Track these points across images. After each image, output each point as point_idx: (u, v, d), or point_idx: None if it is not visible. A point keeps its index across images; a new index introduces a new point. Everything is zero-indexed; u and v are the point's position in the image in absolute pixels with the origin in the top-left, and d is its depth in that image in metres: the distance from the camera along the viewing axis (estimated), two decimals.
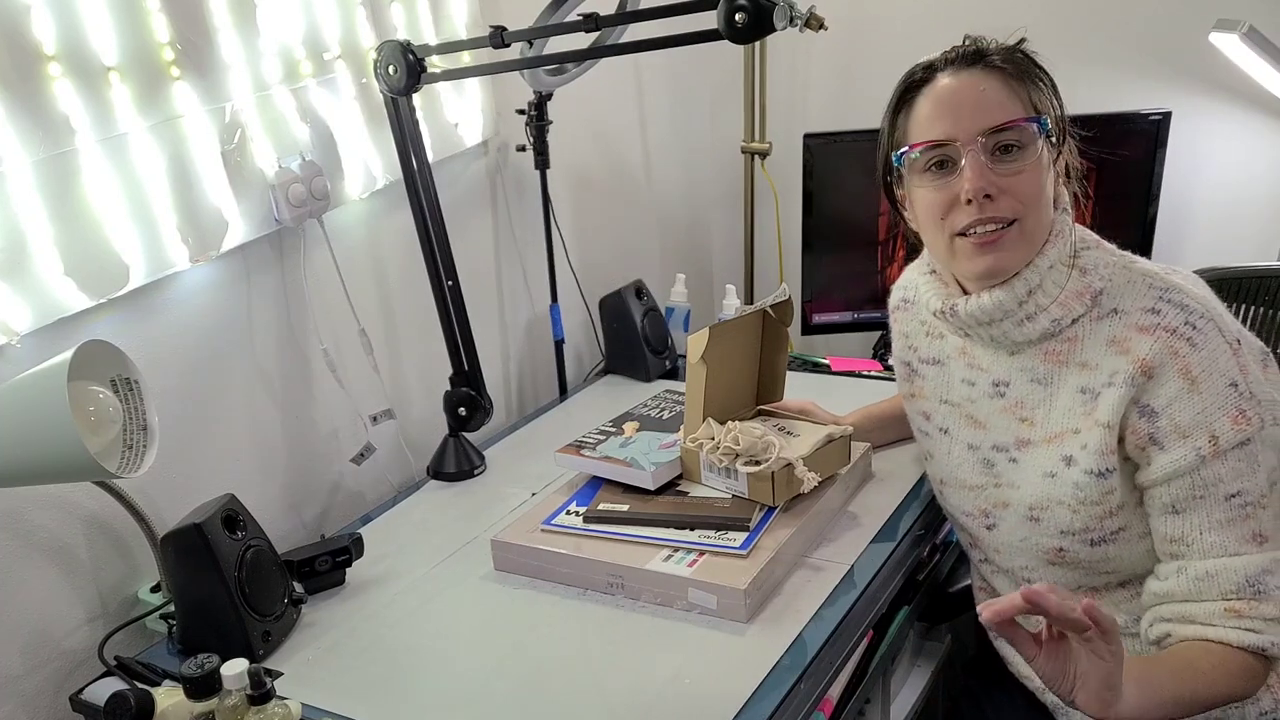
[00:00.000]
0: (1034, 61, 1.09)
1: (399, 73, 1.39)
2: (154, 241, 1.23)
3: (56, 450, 0.95)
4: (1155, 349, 1.03)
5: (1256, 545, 1.02)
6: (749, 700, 1.03)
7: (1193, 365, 1.01)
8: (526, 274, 1.93)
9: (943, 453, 1.25)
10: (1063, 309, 1.08)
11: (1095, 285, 1.08)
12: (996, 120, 1.05)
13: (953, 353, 1.22)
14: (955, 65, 1.08)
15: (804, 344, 2.19)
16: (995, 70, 1.07)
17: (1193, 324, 1.02)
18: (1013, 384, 1.15)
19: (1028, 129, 1.05)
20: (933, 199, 1.09)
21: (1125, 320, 1.06)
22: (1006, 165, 1.05)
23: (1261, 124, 1.96)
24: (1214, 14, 1.80)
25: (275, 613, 1.18)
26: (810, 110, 2.36)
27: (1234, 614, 1.02)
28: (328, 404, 1.53)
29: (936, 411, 1.26)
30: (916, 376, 1.29)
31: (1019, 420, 1.15)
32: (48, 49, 1.10)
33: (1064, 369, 1.10)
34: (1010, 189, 1.05)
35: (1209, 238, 2.07)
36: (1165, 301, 1.04)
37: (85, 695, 1.15)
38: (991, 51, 1.08)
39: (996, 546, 1.21)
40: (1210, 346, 1.02)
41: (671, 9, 1.23)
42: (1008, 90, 1.06)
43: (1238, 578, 1.02)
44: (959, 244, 1.09)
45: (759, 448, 1.27)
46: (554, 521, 1.30)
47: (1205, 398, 1.01)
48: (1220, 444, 1.01)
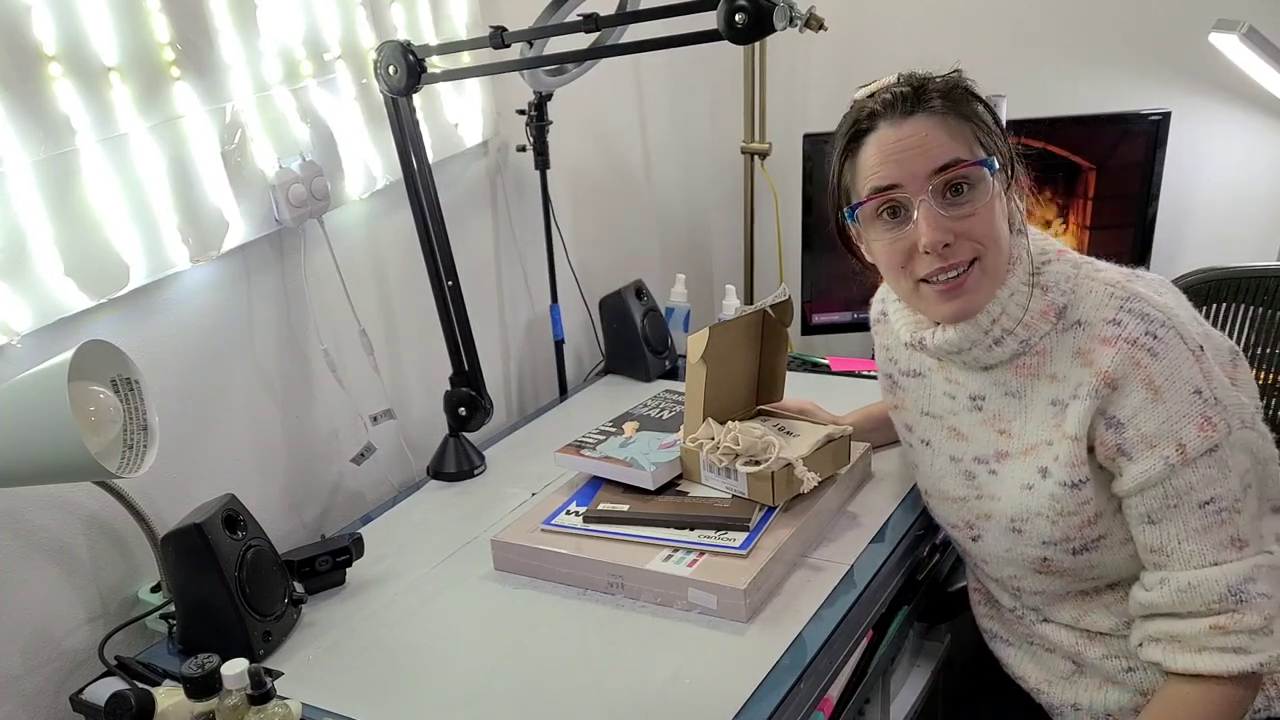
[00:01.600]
0: (971, 93, 1.08)
1: (399, 73, 1.39)
2: (154, 241, 1.23)
3: (57, 450, 0.95)
4: (1117, 360, 1.02)
5: (1235, 551, 1.02)
6: (749, 700, 1.03)
7: (1155, 375, 1.01)
8: (527, 274, 1.93)
9: (926, 464, 1.25)
10: (1028, 330, 1.08)
11: (1058, 301, 1.08)
12: (942, 162, 1.04)
13: (932, 366, 1.22)
14: (895, 112, 1.06)
15: (804, 344, 2.19)
16: (936, 113, 1.05)
17: (1153, 333, 1.02)
18: (988, 398, 1.15)
19: (975, 170, 1.04)
20: (888, 249, 1.09)
21: (1088, 331, 1.06)
22: (959, 208, 1.05)
23: (1261, 124, 1.97)
24: (1213, 14, 1.80)
25: (275, 613, 1.19)
26: (810, 110, 2.36)
27: (1220, 631, 1.02)
28: (328, 404, 1.53)
29: (918, 423, 1.26)
30: (898, 389, 1.29)
31: (998, 432, 1.15)
32: (48, 49, 1.10)
33: (1035, 381, 1.10)
34: (966, 231, 1.05)
35: (1209, 238, 2.07)
36: (1126, 311, 1.04)
37: (86, 695, 1.15)
38: (929, 93, 1.06)
39: (984, 556, 1.21)
40: (1172, 355, 1.01)
41: (671, 9, 1.23)
42: (949, 131, 1.05)
43: (1219, 588, 1.02)
44: (924, 290, 1.09)
45: (759, 448, 1.27)
46: (554, 521, 1.30)
47: (1169, 406, 1.01)
48: (1188, 452, 1.01)
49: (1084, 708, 1.18)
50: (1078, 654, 1.17)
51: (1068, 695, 1.19)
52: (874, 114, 1.08)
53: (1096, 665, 1.16)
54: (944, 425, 1.22)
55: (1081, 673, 1.18)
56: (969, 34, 1.92)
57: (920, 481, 1.29)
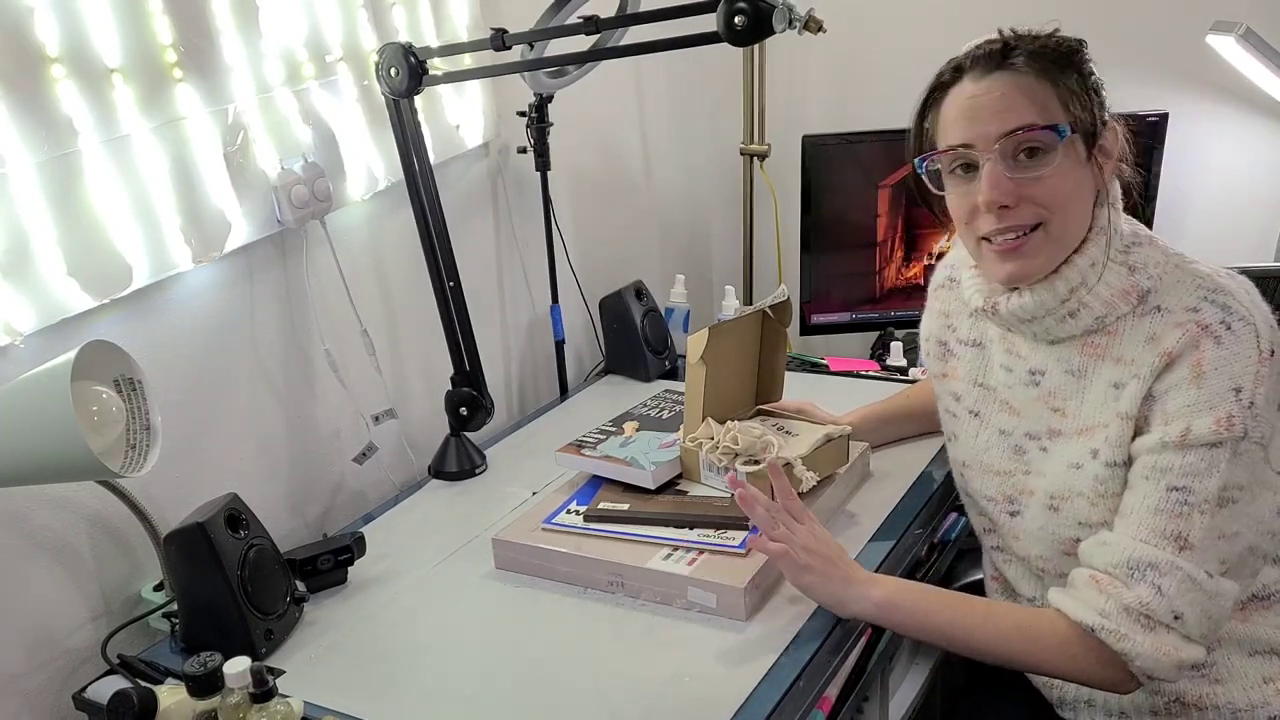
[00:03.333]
0: (1066, 55, 1.06)
1: (401, 75, 1.39)
2: (157, 242, 1.23)
3: (60, 450, 0.95)
4: (1182, 341, 1.01)
5: (1173, 545, 1.00)
6: (748, 698, 1.03)
7: (1206, 360, 1.00)
8: (527, 275, 1.94)
9: (969, 435, 1.24)
10: (1107, 307, 1.07)
11: (1143, 284, 1.06)
12: (1012, 125, 1.03)
13: (995, 337, 1.21)
14: (980, 68, 1.06)
15: (802, 344, 2.20)
16: (1018, 72, 1.04)
17: (1228, 324, 1.01)
18: (1048, 373, 1.14)
19: (1046, 134, 1.03)
20: (958, 203, 1.10)
21: (1167, 318, 1.04)
22: (1027, 171, 1.04)
23: (1258, 125, 1.97)
24: (1211, 16, 1.81)
25: (278, 611, 1.19)
26: (809, 112, 2.37)
27: (1094, 583, 1.02)
28: (330, 404, 1.54)
29: (969, 394, 1.25)
30: (951, 357, 1.28)
31: (1052, 410, 1.14)
32: (51, 51, 1.11)
33: (1100, 362, 1.09)
34: (1031, 195, 1.04)
35: (1206, 238, 2.07)
36: (1208, 301, 1.03)
37: (88, 694, 1.15)
38: (1016, 51, 1.05)
39: (1016, 533, 1.20)
40: (1235, 348, 1.00)
41: (672, 12, 1.24)
42: (1030, 93, 1.04)
43: (1120, 555, 1.01)
44: (984, 248, 1.10)
45: (758, 447, 1.28)
46: (554, 520, 1.31)
47: (1202, 392, 1.00)
48: (1189, 438, 1.00)
49: (1098, 704, 1.17)
50: None
51: (1082, 691, 1.18)
52: (960, 67, 1.08)
53: None
54: (997, 398, 1.21)
55: None
56: (968, 35, 1.93)
57: (957, 453, 1.28)
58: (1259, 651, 1.11)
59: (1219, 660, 1.10)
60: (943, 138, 1.09)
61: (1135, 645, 0.99)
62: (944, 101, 1.09)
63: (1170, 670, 1.00)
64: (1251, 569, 1.08)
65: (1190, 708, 1.11)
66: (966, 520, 1.42)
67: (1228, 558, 1.02)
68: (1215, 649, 1.10)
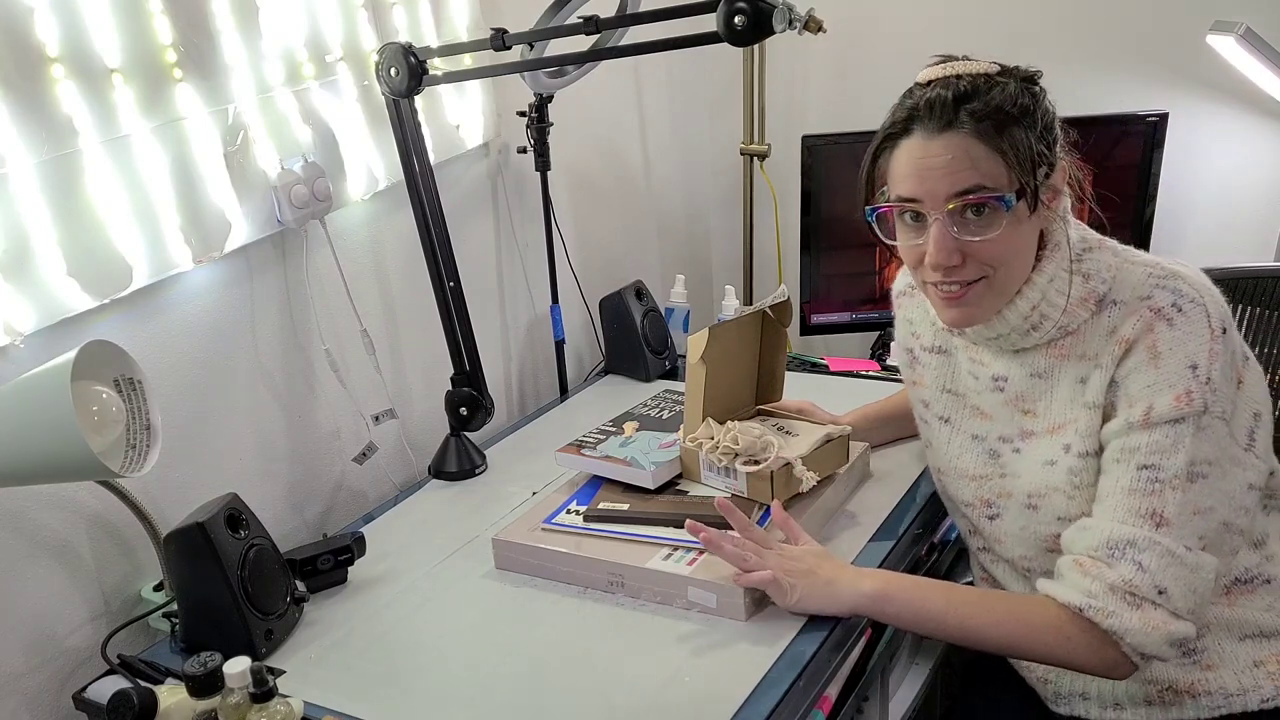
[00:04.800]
0: (1014, 115, 1.03)
1: (401, 75, 1.39)
2: (157, 242, 1.23)
3: (60, 450, 0.95)
4: (1137, 327, 1.04)
5: (1149, 523, 1.01)
6: (748, 698, 1.03)
7: (1160, 341, 1.03)
8: (527, 275, 1.94)
9: (942, 442, 1.25)
10: (1068, 316, 1.09)
11: (1099, 289, 1.09)
12: (960, 188, 1.03)
13: (959, 344, 1.23)
14: (931, 124, 1.04)
15: (802, 344, 2.20)
16: (967, 135, 1.03)
17: (1179, 306, 1.04)
18: (1011, 379, 1.16)
19: (991, 201, 1.03)
20: (906, 250, 1.11)
21: (1122, 309, 1.07)
22: (973, 233, 1.05)
23: (1258, 125, 1.97)
24: (1211, 15, 1.81)
25: (278, 611, 1.19)
26: (809, 112, 2.37)
27: (1078, 566, 1.04)
28: (330, 403, 1.54)
29: (937, 400, 1.26)
30: (918, 364, 1.29)
31: (1021, 413, 1.16)
32: (51, 51, 1.11)
33: (1064, 362, 1.11)
34: (976, 253, 1.06)
35: (1206, 238, 2.07)
36: (1159, 288, 1.06)
37: (88, 694, 1.16)
38: (966, 110, 1.03)
39: (998, 536, 1.21)
40: (1188, 328, 1.03)
41: (672, 12, 1.24)
42: (977, 155, 1.03)
43: (1100, 537, 1.03)
44: (930, 290, 1.12)
45: (758, 447, 1.28)
46: (554, 520, 1.31)
47: (1160, 372, 1.02)
48: (1152, 416, 1.02)
49: (1092, 696, 1.18)
50: None
51: (1076, 684, 1.19)
52: (912, 117, 1.06)
53: None
54: (967, 403, 1.22)
55: None
56: (967, 35, 1.93)
57: (934, 460, 1.29)
58: (1248, 635, 1.12)
59: (1209, 646, 1.12)
60: (893, 188, 1.09)
61: (1123, 622, 1.00)
62: (894, 151, 1.08)
63: (1161, 645, 1.01)
64: (1230, 546, 1.09)
65: (1183, 695, 1.12)
66: None
67: (1205, 533, 1.03)
68: (1205, 634, 1.11)
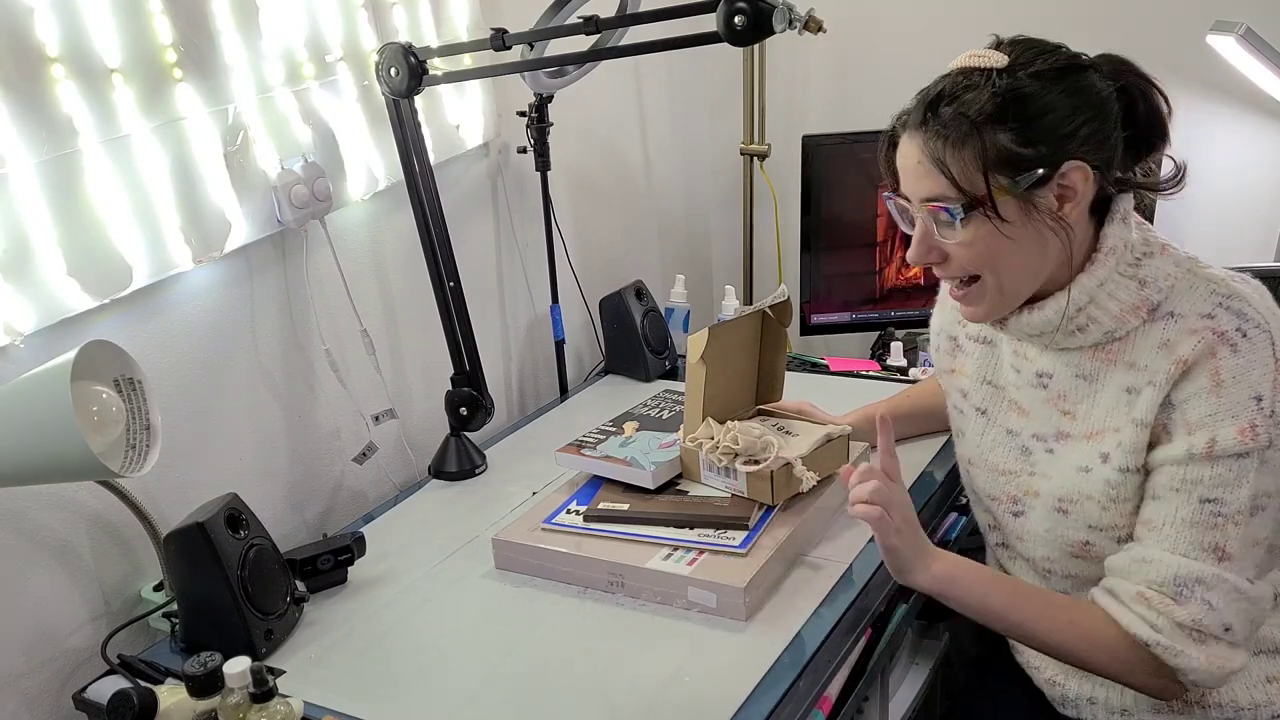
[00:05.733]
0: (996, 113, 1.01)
1: (401, 75, 1.39)
2: (157, 242, 1.23)
3: (60, 450, 0.95)
4: (1198, 349, 1.01)
5: (1212, 557, 1.00)
6: (748, 698, 1.03)
7: (1224, 368, 1.00)
8: (527, 275, 1.94)
9: (975, 433, 1.24)
10: (1117, 321, 1.07)
11: (1153, 298, 1.06)
12: (924, 195, 1.05)
13: (1005, 336, 1.20)
14: (912, 120, 1.06)
15: (802, 344, 2.20)
16: (935, 136, 1.02)
17: (1244, 331, 1.00)
18: (1056, 377, 1.14)
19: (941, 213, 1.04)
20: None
21: (1180, 324, 1.04)
22: (945, 234, 1.06)
23: (1258, 125, 1.97)
24: (1211, 16, 1.81)
25: (278, 611, 1.19)
26: (809, 112, 2.37)
27: (1143, 600, 1.02)
28: (330, 403, 1.54)
29: (976, 391, 1.25)
30: (960, 353, 1.28)
31: (1061, 413, 1.14)
32: (51, 51, 1.11)
33: (1111, 368, 1.09)
34: (954, 254, 1.07)
35: (1206, 239, 2.07)
36: (1223, 308, 1.02)
37: (88, 694, 1.16)
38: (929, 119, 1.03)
39: (1020, 534, 1.20)
40: (1252, 356, 1.00)
41: (672, 12, 1.24)
42: (934, 163, 1.03)
43: (1167, 573, 1.01)
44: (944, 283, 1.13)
45: (758, 447, 1.28)
46: (554, 520, 1.31)
47: (1223, 401, 1.00)
48: (1216, 449, 1.00)
49: (1099, 702, 1.17)
50: None
51: (1084, 688, 1.18)
52: (903, 121, 1.08)
53: None
54: (1005, 397, 1.21)
55: None
56: (967, 35, 1.92)
57: (964, 450, 1.28)
58: (1263, 651, 1.11)
59: None
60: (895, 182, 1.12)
61: (1190, 660, 1.00)
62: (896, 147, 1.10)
63: (1221, 679, 1.02)
64: (1271, 565, 1.08)
65: (1193, 705, 1.12)
66: (966, 520, 1.42)
67: (1259, 561, 1.03)
68: None
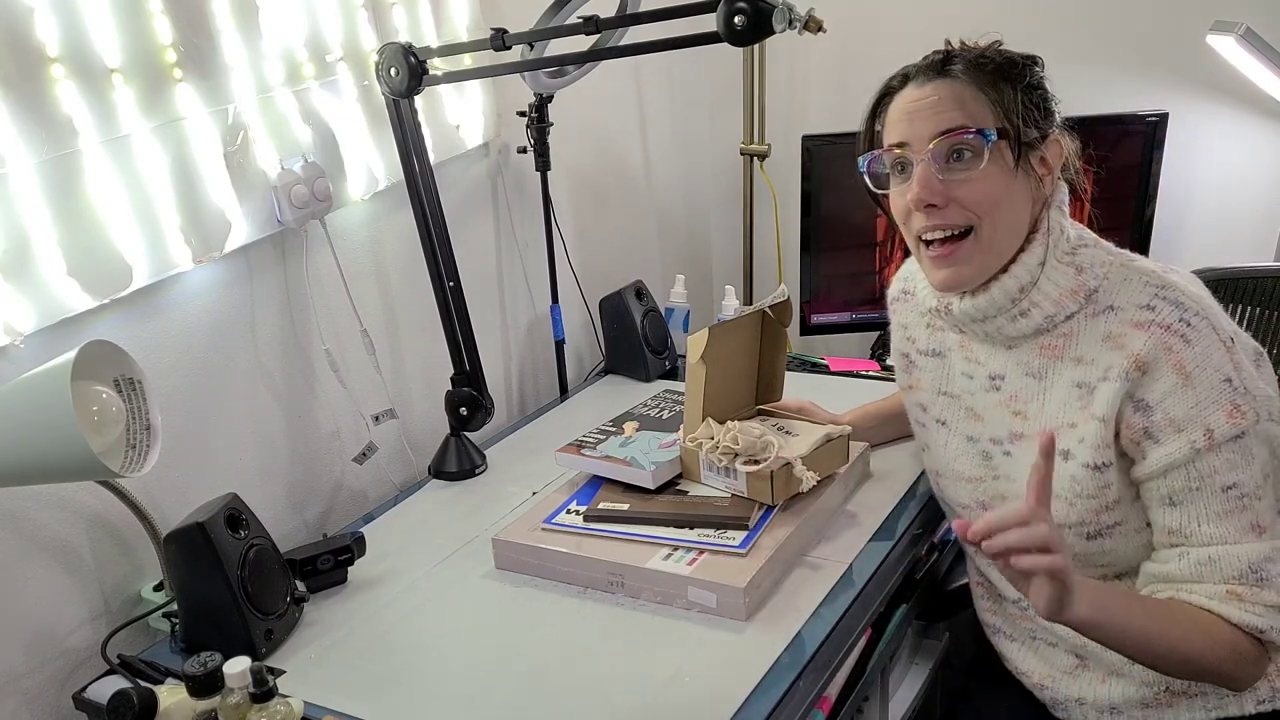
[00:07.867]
0: (1005, 68, 1.09)
1: (401, 75, 1.39)
2: (157, 242, 1.23)
3: (60, 450, 0.95)
4: (1149, 344, 1.04)
5: (1256, 534, 1.03)
6: (748, 698, 1.03)
7: (1186, 361, 1.03)
8: (527, 275, 1.94)
9: (939, 444, 1.26)
10: (1056, 306, 1.10)
11: (1089, 284, 1.09)
12: (943, 127, 1.07)
13: (953, 345, 1.23)
14: (922, 75, 1.11)
15: (802, 344, 2.20)
16: (955, 79, 1.09)
17: (1187, 320, 1.04)
18: (1008, 377, 1.16)
19: (974, 138, 1.06)
20: (897, 202, 1.14)
21: (1120, 316, 1.07)
22: (956, 173, 1.07)
23: (1258, 125, 1.97)
24: (1211, 15, 1.81)
25: (278, 611, 1.19)
26: (809, 112, 2.37)
27: (1235, 597, 1.03)
28: (330, 403, 1.54)
29: (934, 403, 1.27)
30: (914, 368, 1.30)
31: (1013, 414, 1.16)
32: (51, 51, 1.11)
33: (1058, 363, 1.11)
34: (959, 197, 1.08)
35: (1206, 238, 2.07)
36: (1160, 299, 1.06)
37: (88, 693, 1.16)
38: (957, 60, 1.10)
39: None
40: (1204, 343, 1.03)
41: (671, 12, 1.24)
42: (963, 99, 1.08)
43: (1240, 564, 1.03)
44: (922, 251, 1.13)
45: (758, 447, 1.28)
46: (554, 520, 1.31)
47: (1199, 392, 1.02)
48: (1215, 437, 1.02)
49: (1088, 702, 1.18)
50: (1082, 646, 1.17)
51: (1071, 690, 1.19)
52: (907, 75, 1.12)
53: (1100, 657, 1.15)
54: (961, 405, 1.23)
55: (1085, 666, 1.19)
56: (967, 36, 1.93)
57: (931, 463, 1.29)
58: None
59: None
60: (885, 138, 1.13)
61: None
62: (890, 105, 1.13)
63: None
64: None
65: (1179, 697, 1.13)
66: None
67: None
68: None
